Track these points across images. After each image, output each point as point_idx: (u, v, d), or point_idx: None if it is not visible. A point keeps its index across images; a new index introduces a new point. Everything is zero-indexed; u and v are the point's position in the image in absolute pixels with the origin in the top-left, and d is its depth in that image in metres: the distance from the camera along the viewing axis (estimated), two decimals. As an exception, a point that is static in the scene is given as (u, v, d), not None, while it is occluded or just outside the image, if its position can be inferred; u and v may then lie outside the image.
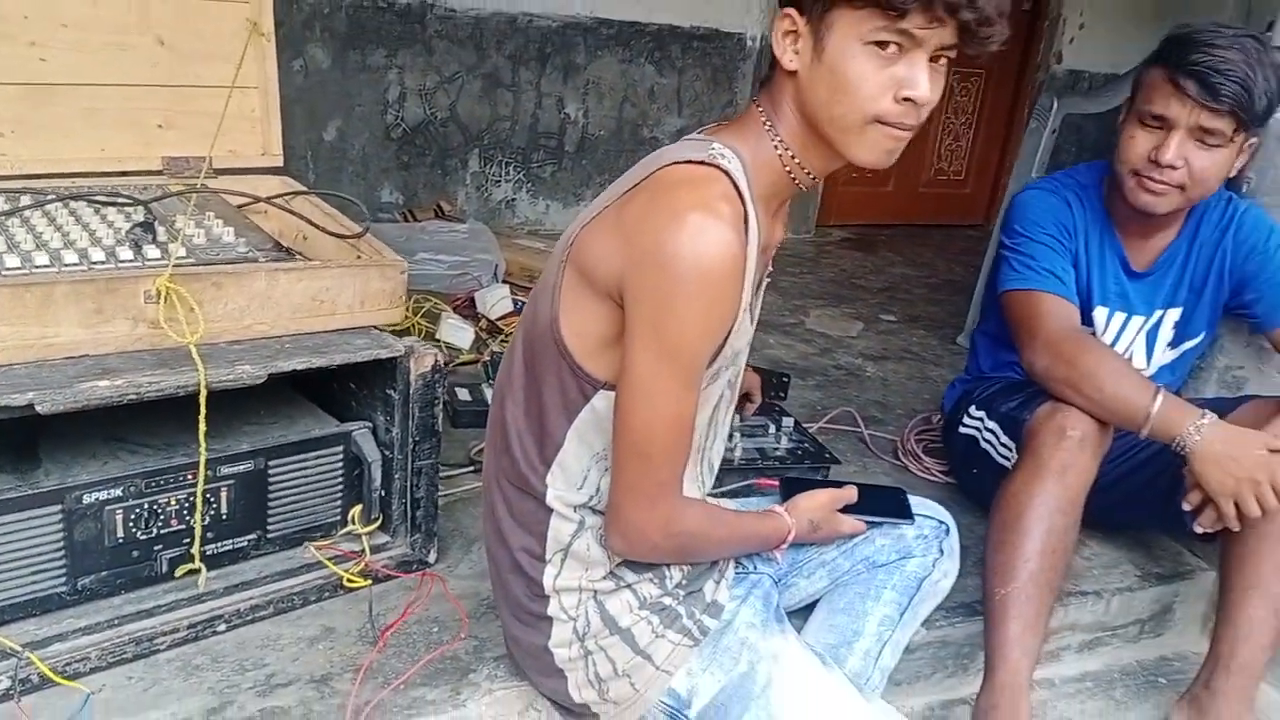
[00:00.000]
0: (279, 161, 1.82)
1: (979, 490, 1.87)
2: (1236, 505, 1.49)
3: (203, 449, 1.34)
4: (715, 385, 1.25)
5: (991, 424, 1.83)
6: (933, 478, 2.12)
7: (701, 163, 1.12)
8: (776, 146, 1.17)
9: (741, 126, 1.20)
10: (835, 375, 2.71)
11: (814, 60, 1.10)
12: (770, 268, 1.36)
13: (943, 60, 1.10)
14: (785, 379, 2.47)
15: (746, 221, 1.13)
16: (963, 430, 1.90)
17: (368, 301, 1.50)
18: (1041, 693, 1.75)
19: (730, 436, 1.93)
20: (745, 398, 1.88)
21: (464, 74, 3.53)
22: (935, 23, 1.05)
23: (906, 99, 1.08)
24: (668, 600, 1.27)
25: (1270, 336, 1.74)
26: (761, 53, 3.96)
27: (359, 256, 1.55)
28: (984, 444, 1.84)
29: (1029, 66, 4.69)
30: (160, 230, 1.43)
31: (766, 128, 1.18)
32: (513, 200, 3.76)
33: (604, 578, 1.25)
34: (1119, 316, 1.81)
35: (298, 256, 1.53)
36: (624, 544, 1.20)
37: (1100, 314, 1.80)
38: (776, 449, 1.95)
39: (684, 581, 1.29)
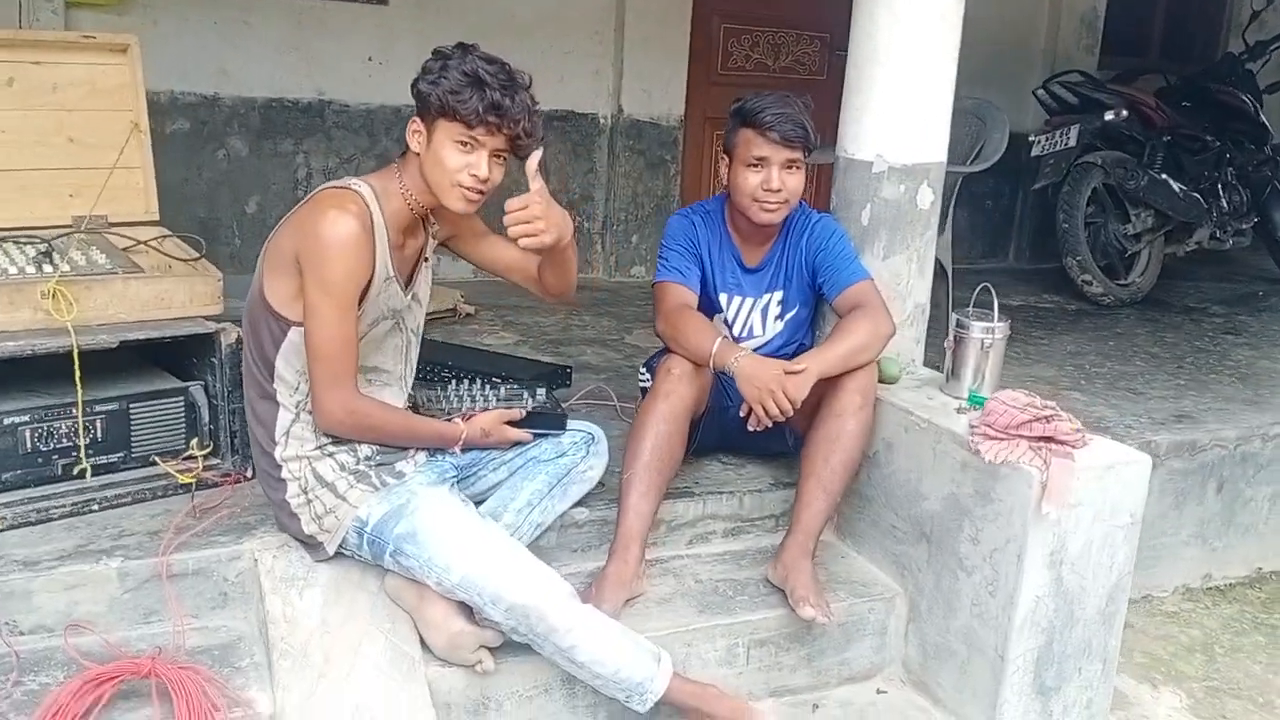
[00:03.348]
0: (156, 216, 2.61)
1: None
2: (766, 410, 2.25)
3: (79, 390, 2.13)
4: (380, 329, 2.04)
5: (649, 376, 2.60)
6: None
7: (341, 187, 1.93)
8: (401, 187, 1.98)
9: (381, 173, 2.02)
10: (626, 371, 3.48)
11: (427, 147, 1.93)
12: (425, 254, 2.15)
13: (501, 157, 1.95)
14: (568, 369, 3.25)
15: (373, 222, 1.93)
16: (641, 384, 2.68)
17: (195, 299, 2.30)
18: (686, 560, 2.49)
19: (486, 399, 2.70)
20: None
21: (359, 155, 4.39)
22: (490, 134, 1.90)
23: (474, 175, 1.92)
24: (361, 466, 2.04)
25: (832, 304, 2.51)
26: (614, 128, 4.82)
27: (193, 271, 2.36)
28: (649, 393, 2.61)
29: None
30: (56, 257, 2.24)
31: (397, 176, 1.99)
32: (408, 255, 4.59)
33: (314, 449, 2.02)
34: (737, 299, 2.59)
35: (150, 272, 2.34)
36: (321, 419, 1.98)
37: (724, 298, 2.58)
38: (523, 409, 2.71)
39: (373, 456, 2.06)
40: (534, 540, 2.25)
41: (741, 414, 2.31)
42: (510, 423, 2.25)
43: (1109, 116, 4.72)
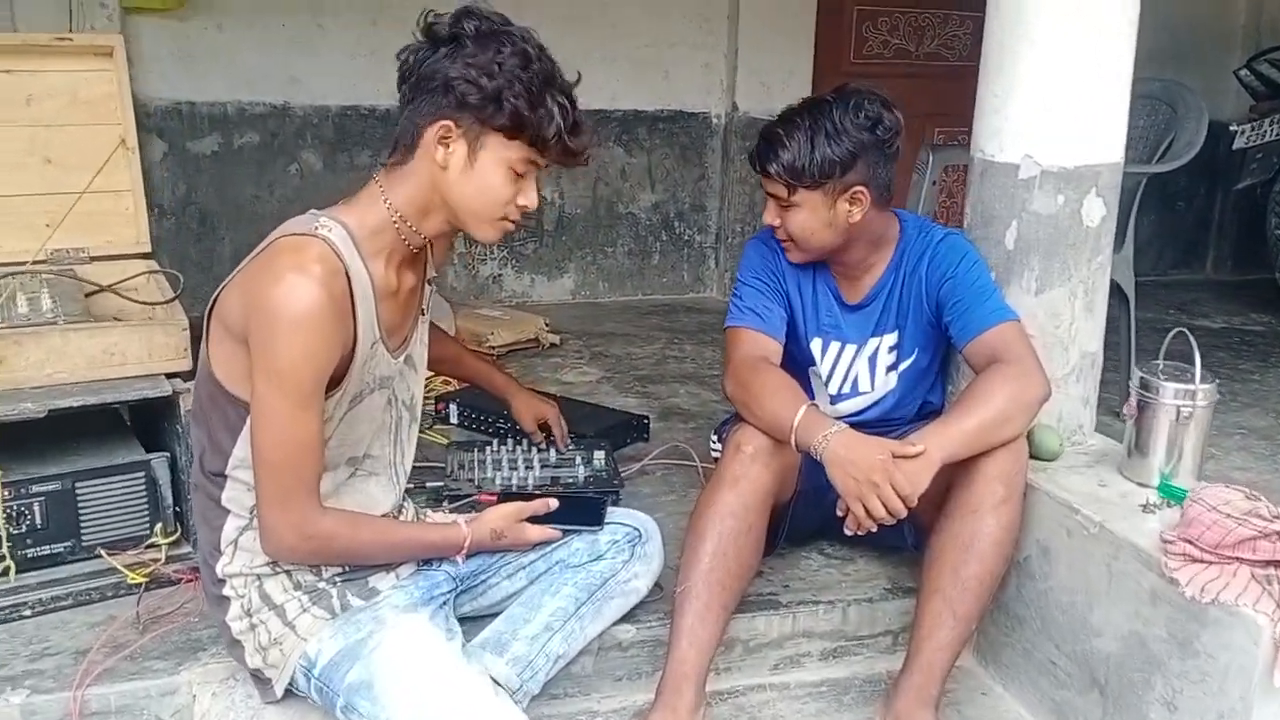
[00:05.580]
0: (147, 249, 2.22)
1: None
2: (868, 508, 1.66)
3: (-2, 470, 1.73)
4: (365, 405, 1.55)
5: (719, 446, 2.03)
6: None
7: (304, 234, 1.44)
8: (391, 213, 1.50)
9: (357, 200, 1.54)
10: (723, 418, 2.91)
11: (468, 165, 1.47)
12: (424, 304, 1.67)
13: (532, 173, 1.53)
14: (645, 421, 2.72)
15: (350, 276, 1.44)
16: (713, 453, 2.11)
17: (155, 353, 1.88)
18: (768, 693, 1.91)
19: (530, 465, 2.20)
20: (544, 431, 2.19)
21: (441, 166, 3.96)
22: (558, 159, 1.51)
23: (523, 205, 1.52)
24: (321, 584, 1.56)
25: (963, 354, 1.88)
26: (728, 128, 4.25)
27: (155, 319, 1.93)
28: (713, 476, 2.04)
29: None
30: (-9, 304, 1.85)
31: (382, 198, 1.50)
32: (499, 275, 4.15)
33: (265, 564, 1.54)
34: (834, 345, 1.99)
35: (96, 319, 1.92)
36: (266, 545, 1.49)
37: (817, 344, 2.00)
38: (572, 478, 2.19)
39: (342, 570, 1.57)
40: (555, 675, 1.72)
41: (839, 513, 1.71)
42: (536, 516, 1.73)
43: (1334, 100, 3.87)
